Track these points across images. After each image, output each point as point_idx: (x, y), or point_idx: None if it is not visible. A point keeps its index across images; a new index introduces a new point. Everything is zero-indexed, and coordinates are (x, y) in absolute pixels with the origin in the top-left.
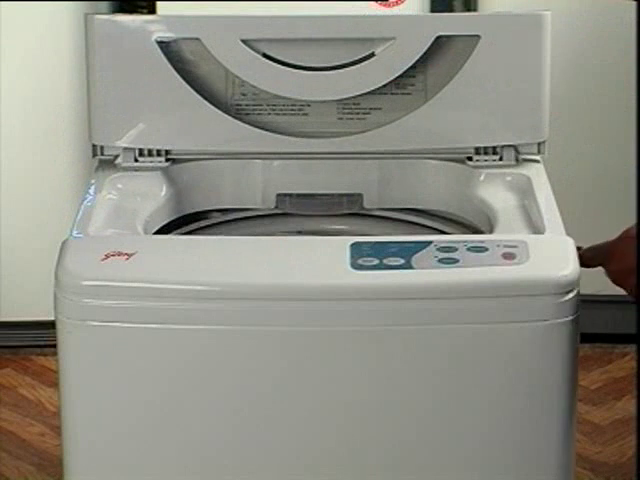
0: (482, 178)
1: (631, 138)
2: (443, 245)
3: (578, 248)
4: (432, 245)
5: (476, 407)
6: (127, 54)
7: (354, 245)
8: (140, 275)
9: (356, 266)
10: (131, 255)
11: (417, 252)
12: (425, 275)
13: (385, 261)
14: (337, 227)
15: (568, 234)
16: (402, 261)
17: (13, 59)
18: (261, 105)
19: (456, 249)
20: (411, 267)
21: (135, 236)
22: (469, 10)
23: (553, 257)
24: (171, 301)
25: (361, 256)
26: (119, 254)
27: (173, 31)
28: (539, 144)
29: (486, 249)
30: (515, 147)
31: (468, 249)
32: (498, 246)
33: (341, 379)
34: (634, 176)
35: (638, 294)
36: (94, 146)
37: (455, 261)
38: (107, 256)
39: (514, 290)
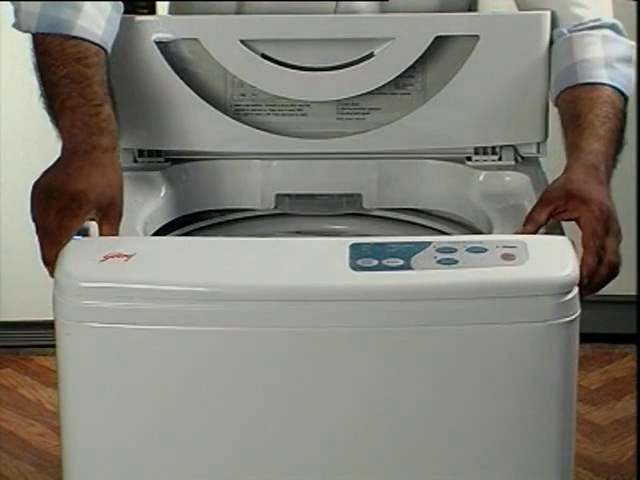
0: (481, 178)
1: (631, 138)
2: (442, 246)
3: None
4: (431, 246)
5: (476, 408)
6: (126, 54)
7: (353, 246)
8: (139, 276)
9: (355, 267)
10: (130, 256)
11: (416, 253)
12: (424, 276)
13: (384, 262)
14: (336, 227)
15: (567, 234)
16: (401, 262)
17: (13, 59)
18: (260, 105)
19: (455, 250)
20: (410, 268)
21: (134, 237)
22: (470, 10)
23: (552, 257)
24: (170, 302)
25: (360, 257)
26: (118, 255)
27: (172, 31)
28: (538, 144)
29: (485, 250)
30: (514, 147)
31: (467, 250)
32: (497, 247)
33: (340, 380)
34: (634, 176)
35: (639, 294)
36: None
37: (454, 262)
38: (106, 257)
39: (513, 291)
